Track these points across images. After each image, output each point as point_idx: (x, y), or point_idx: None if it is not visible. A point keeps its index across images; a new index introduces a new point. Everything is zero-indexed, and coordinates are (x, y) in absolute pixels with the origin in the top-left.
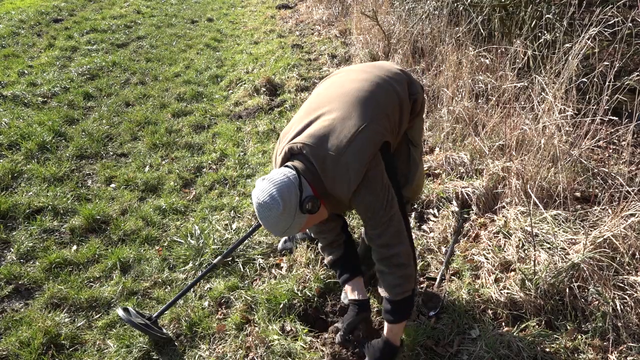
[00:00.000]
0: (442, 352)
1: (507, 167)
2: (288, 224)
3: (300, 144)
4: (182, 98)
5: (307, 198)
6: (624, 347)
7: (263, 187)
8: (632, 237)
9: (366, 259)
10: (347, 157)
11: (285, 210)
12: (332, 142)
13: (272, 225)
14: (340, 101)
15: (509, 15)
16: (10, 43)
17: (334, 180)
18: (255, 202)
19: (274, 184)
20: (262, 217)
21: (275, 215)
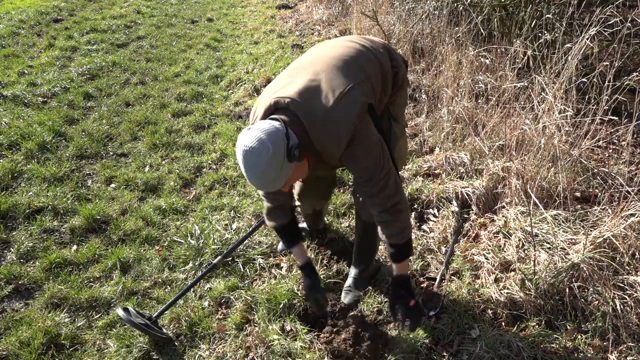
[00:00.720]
0: (442, 352)
1: (507, 167)
2: (276, 173)
3: (288, 99)
4: (182, 98)
5: (295, 145)
6: (624, 347)
7: (250, 134)
8: (632, 237)
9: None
10: (336, 115)
11: (274, 156)
12: (320, 100)
13: (259, 174)
14: (325, 63)
15: (509, 15)
16: (10, 43)
17: (323, 137)
18: (242, 150)
19: (262, 130)
20: (250, 166)
21: (264, 162)
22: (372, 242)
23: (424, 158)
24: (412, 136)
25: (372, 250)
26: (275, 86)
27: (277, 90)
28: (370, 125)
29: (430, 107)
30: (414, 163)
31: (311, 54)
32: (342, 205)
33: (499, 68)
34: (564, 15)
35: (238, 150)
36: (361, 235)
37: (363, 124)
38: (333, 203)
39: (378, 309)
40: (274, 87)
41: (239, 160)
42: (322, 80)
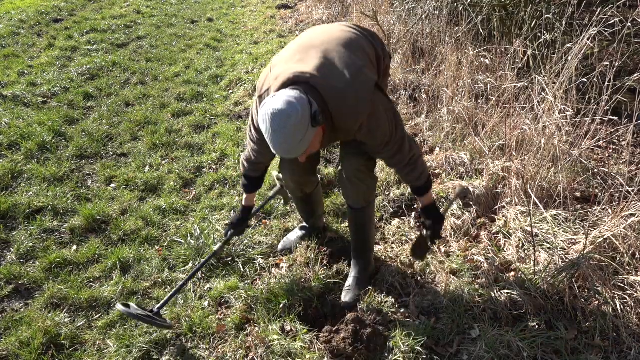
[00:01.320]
0: (442, 352)
1: (507, 167)
2: (301, 136)
3: (308, 74)
4: (182, 98)
5: (317, 111)
6: (624, 347)
7: (278, 98)
8: (632, 237)
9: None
10: (354, 92)
11: (302, 118)
12: (337, 77)
13: (287, 136)
14: (333, 44)
15: (509, 15)
16: (10, 43)
17: (343, 113)
18: (270, 113)
19: (289, 95)
20: (278, 127)
21: (292, 123)
22: (367, 233)
23: (425, 158)
24: (412, 136)
25: (369, 243)
26: (286, 59)
27: (293, 65)
28: (380, 96)
29: (430, 107)
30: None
31: (313, 34)
32: (342, 205)
33: (499, 68)
34: (564, 15)
35: (265, 114)
36: (355, 229)
37: (376, 96)
38: (333, 203)
39: (378, 308)
40: (285, 60)
41: (264, 126)
42: (335, 59)
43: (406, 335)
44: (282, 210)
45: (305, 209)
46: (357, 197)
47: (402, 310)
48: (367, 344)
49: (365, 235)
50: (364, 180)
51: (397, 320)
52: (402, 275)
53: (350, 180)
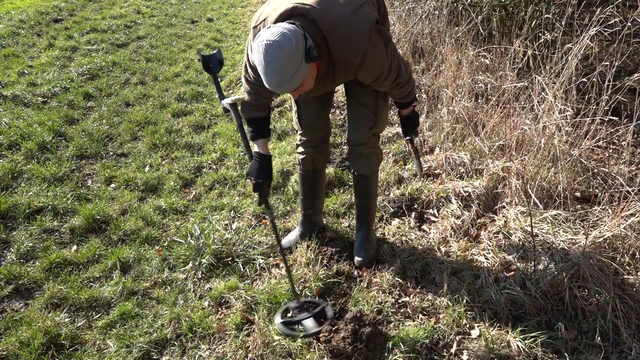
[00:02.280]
0: (442, 352)
1: (507, 167)
2: (294, 69)
3: (308, 6)
4: (182, 98)
5: (312, 46)
6: (624, 347)
7: (272, 30)
8: (632, 237)
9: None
10: (354, 25)
11: (296, 50)
12: (337, 9)
13: (280, 67)
14: None
15: (509, 15)
16: (10, 43)
17: (343, 45)
18: (264, 44)
19: (284, 27)
20: (272, 59)
21: (285, 55)
22: (371, 200)
23: (424, 158)
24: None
25: (372, 209)
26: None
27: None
28: (380, 29)
29: (430, 107)
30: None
31: None
32: (342, 205)
33: (499, 68)
34: (564, 15)
35: (258, 45)
36: (360, 194)
37: (376, 29)
38: (333, 203)
39: (378, 308)
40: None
41: (257, 57)
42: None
43: (406, 335)
44: (282, 210)
45: (309, 189)
46: (367, 168)
47: (402, 310)
48: (367, 344)
49: (369, 201)
50: (373, 153)
51: (397, 320)
52: (402, 275)
53: (362, 154)
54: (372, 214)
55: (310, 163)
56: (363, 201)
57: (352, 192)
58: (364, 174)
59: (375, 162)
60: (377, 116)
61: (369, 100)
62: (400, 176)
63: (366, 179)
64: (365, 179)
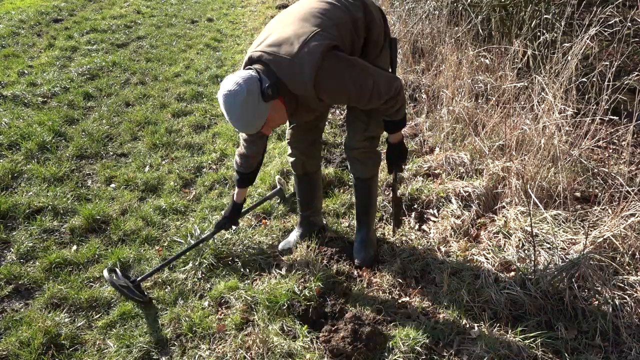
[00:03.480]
0: (442, 352)
1: (507, 167)
2: (253, 111)
3: (259, 52)
4: (182, 98)
5: (268, 84)
6: (624, 347)
7: (229, 81)
8: (632, 237)
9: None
10: (299, 59)
11: (248, 95)
12: (287, 49)
13: (238, 114)
14: (295, 17)
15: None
16: (10, 43)
17: (292, 80)
18: (222, 95)
19: (238, 76)
20: (229, 107)
21: (240, 102)
22: (371, 201)
23: (424, 158)
24: (412, 136)
25: (372, 209)
26: (255, 43)
27: (256, 45)
28: (336, 57)
29: (430, 107)
30: (414, 163)
31: (287, 12)
32: (342, 205)
33: (499, 68)
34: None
35: (219, 96)
36: (360, 195)
37: (329, 59)
38: (333, 203)
39: (378, 308)
40: (254, 43)
41: (221, 106)
42: (291, 31)
43: (406, 335)
44: (282, 210)
45: (304, 192)
46: (364, 171)
47: (402, 310)
48: (367, 343)
49: (369, 201)
50: (369, 157)
51: (397, 320)
52: (402, 275)
53: (357, 158)
54: (372, 215)
55: (300, 167)
56: (363, 202)
57: (352, 192)
58: (362, 177)
59: (372, 165)
60: (369, 118)
61: None
62: (400, 176)
63: (365, 181)
64: (363, 181)
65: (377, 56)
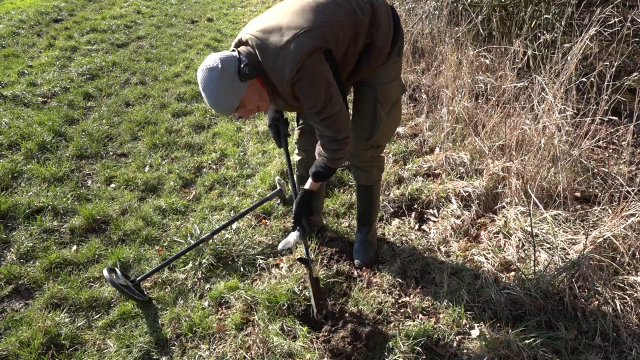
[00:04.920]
0: (442, 352)
1: (507, 167)
2: (225, 89)
3: (248, 35)
4: (182, 98)
5: (245, 64)
6: (624, 347)
7: (208, 58)
8: (632, 237)
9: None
10: (284, 54)
11: (224, 72)
12: (275, 38)
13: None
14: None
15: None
16: (10, 43)
17: (272, 72)
18: (199, 70)
19: (218, 55)
20: (203, 82)
21: (214, 76)
22: (374, 204)
23: (424, 158)
24: (412, 136)
25: (374, 211)
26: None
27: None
28: (321, 65)
29: (430, 107)
30: (414, 163)
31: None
32: (342, 205)
33: (499, 68)
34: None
35: (197, 71)
36: (363, 199)
37: (312, 62)
38: (333, 203)
39: (378, 308)
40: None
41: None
42: (285, 21)
43: (406, 335)
44: (282, 210)
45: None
46: (368, 179)
47: (402, 310)
48: (367, 343)
49: (372, 205)
50: (371, 166)
51: (397, 320)
52: (402, 275)
53: (360, 168)
54: (373, 217)
55: (304, 168)
56: (365, 206)
57: (352, 192)
58: (365, 184)
59: (375, 174)
60: (374, 127)
61: (368, 110)
62: (400, 176)
63: (367, 188)
64: (366, 187)
65: (383, 64)
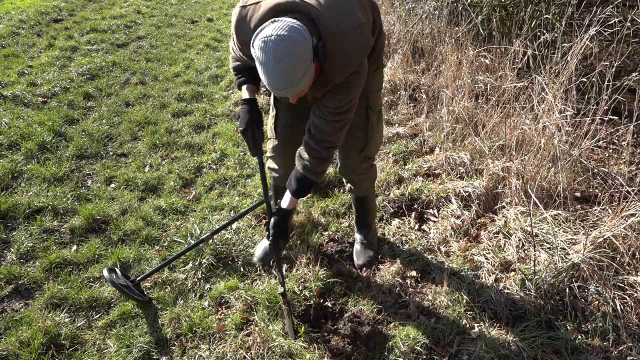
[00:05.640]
0: (442, 352)
1: (507, 167)
2: (304, 69)
3: (308, 3)
4: (182, 98)
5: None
6: (624, 347)
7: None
8: (632, 237)
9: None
10: (353, 39)
11: (306, 48)
12: (340, 18)
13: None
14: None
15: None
16: (10, 43)
17: (338, 54)
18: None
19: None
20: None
21: (299, 52)
22: (371, 209)
23: (424, 158)
24: (412, 136)
25: (372, 214)
26: None
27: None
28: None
29: (430, 107)
30: (414, 163)
31: None
32: (342, 205)
33: (499, 68)
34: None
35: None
36: (359, 206)
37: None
38: (333, 203)
39: (378, 308)
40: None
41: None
42: (342, 2)
43: (406, 335)
44: None
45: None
46: (363, 191)
47: (402, 310)
48: (367, 343)
49: (369, 211)
50: (367, 177)
51: (397, 320)
52: (402, 275)
53: (355, 181)
54: (371, 219)
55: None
56: (362, 213)
57: None
58: (360, 195)
59: (369, 185)
60: (367, 137)
61: (360, 117)
62: (400, 176)
63: (362, 198)
64: (360, 197)
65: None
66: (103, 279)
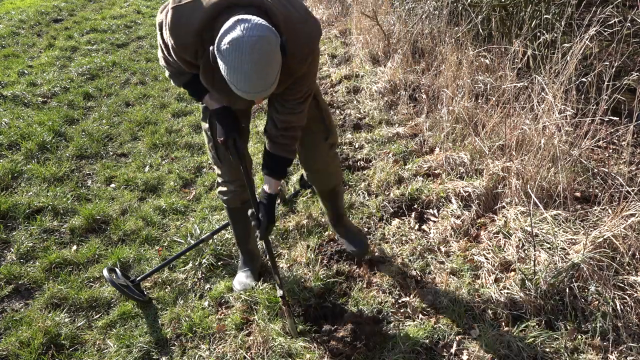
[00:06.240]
0: (442, 352)
1: (507, 167)
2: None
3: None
4: (182, 98)
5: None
6: (624, 347)
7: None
8: (632, 237)
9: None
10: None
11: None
12: (292, 9)
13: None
14: None
15: (509, 15)
16: (10, 43)
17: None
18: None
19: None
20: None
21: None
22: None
23: (424, 158)
24: (412, 136)
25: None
26: None
27: None
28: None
29: (430, 107)
30: (414, 163)
31: None
32: None
33: (499, 68)
34: (563, 15)
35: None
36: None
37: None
38: None
39: (378, 308)
40: None
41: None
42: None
43: (406, 335)
44: (282, 211)
45: (243, 226)
46: (331, 181)
47: (402, 310)
48: (367, 343)
49: (340, 203)
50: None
51: (397, 320)
52: (402, 275)
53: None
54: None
55: (238, 199)
56: (335, 205)
57: (352, 192)
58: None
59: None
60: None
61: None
62: (400, 176)
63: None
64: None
65: None
66: (103, 279)
